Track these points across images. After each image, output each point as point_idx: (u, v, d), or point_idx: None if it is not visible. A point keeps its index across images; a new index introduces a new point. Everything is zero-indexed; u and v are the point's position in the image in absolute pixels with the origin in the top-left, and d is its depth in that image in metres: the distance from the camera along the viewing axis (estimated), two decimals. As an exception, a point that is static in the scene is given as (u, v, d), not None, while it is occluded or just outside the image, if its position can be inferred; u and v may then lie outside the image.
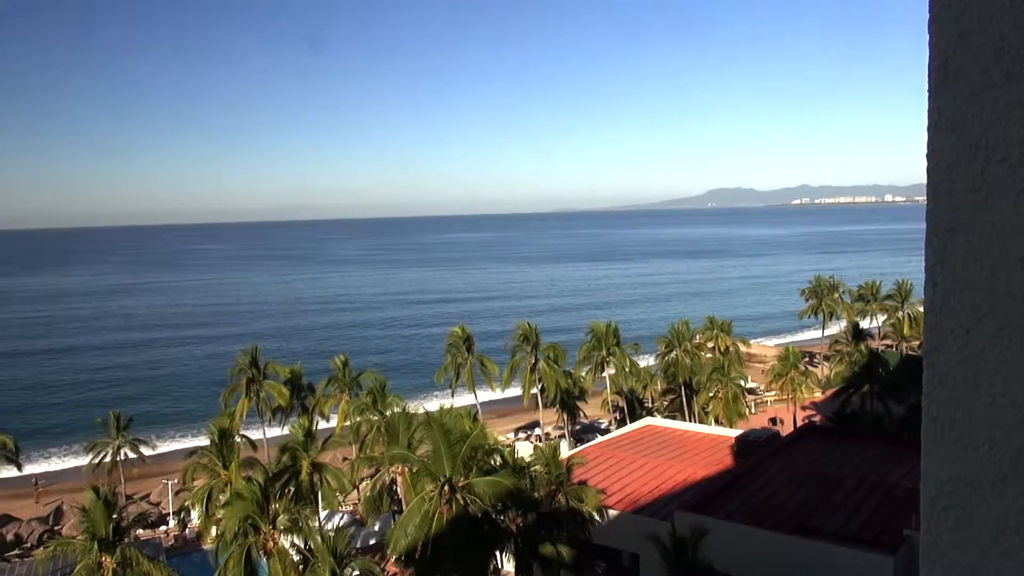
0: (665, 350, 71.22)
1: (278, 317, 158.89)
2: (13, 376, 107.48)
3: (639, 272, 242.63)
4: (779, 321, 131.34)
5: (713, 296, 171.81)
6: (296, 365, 64.31)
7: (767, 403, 79.52)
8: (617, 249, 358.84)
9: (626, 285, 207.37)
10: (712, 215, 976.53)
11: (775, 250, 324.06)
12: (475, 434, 36.14)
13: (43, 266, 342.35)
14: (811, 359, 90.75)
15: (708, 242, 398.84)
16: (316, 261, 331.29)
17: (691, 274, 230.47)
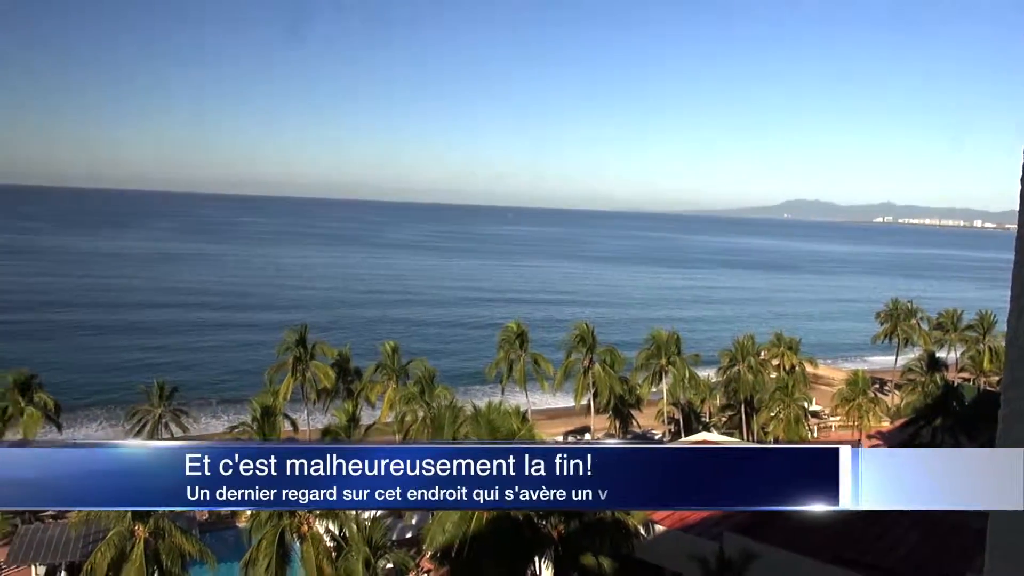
0: (727, 364, 68.38)
1: (327, 298, 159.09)
2: (57, 336, 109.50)
3: (704, 280, 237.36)
4: (850, 344, 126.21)
5: (782, 312, 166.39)
6: (345, 348, 63.60)
7: (831, 428, 75.84)
8: (683, 255, 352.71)
9: (689, 293, 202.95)
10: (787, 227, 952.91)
11: (851, 268, 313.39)
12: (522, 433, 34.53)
13: (93, 226, 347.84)
14: (881, 386, 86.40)
15: (780, 254, 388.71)
16: (366, 243, 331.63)
17: (760, 286, 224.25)
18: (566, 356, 64.50)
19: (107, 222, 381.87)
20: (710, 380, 72.22)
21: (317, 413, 60.83)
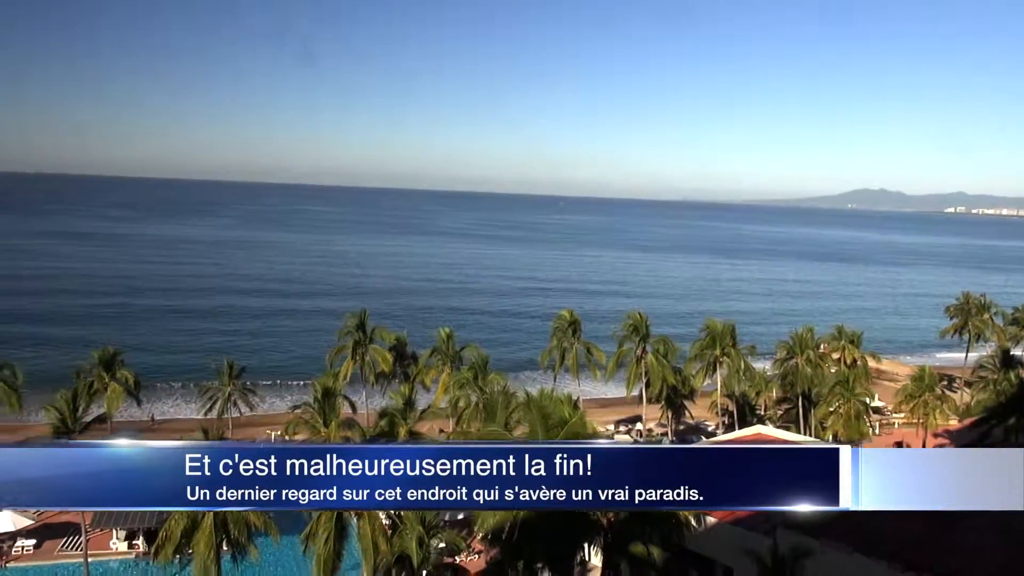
0: (785, 356, 67.48)
1: (385, 284, 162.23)
2: (136, 316, 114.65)
3: (763, 271, 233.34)
4: (917, 339, 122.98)
5: (844, 304, 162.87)
6: (402, 333, 65.01)
7: (894, 425, 74.24)
8: (742, 245, 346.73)
9: (747, 283, 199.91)
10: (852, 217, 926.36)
11: (919, 260, 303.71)
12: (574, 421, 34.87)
13: (164, 215, 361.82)
14: (950, 383, 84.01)
15: (844, 245, 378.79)
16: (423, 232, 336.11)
17: (821, 278, 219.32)
18: (619, 345, 64.60)
19: (182, 211, 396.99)
20: (766, 372, 71.46)
21: (375, 395, 62.44)
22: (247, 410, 60.82)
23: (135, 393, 57.59)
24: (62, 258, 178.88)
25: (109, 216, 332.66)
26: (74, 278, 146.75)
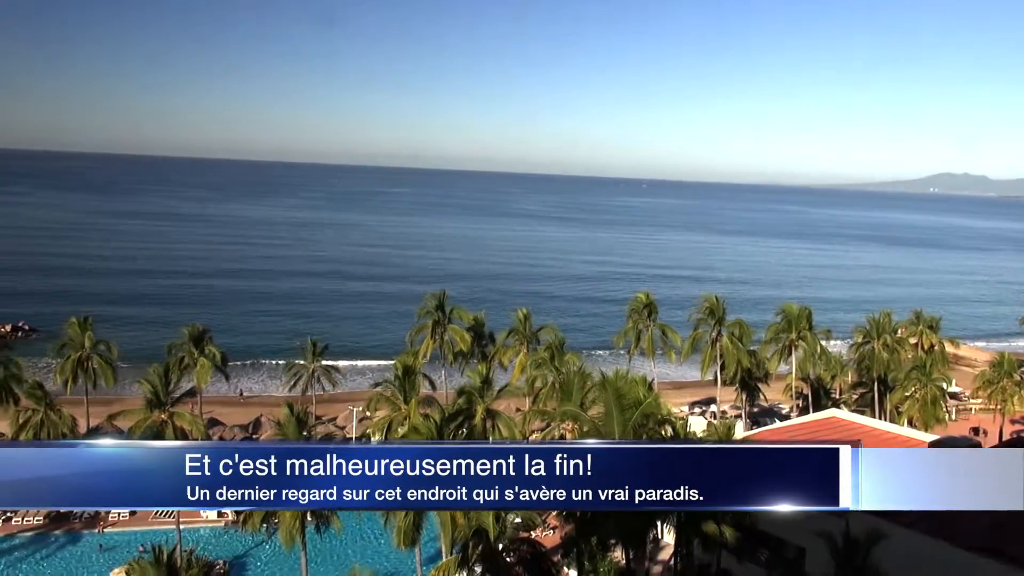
0: (861, 341, 66.21)
1: (463, 265, 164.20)
2: (223, 296, 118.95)
3: (840, 255, 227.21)
4: (997, 326, 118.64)
5: (923, 291, 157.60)
6: (480, 313, 66.16)
7: (971, 411, 72.25)
8: (819, 229, 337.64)
9: (823, 267, 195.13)
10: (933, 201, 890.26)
11: (1002, 246, 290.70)
12: (648, 402, 35.21)
13: (248, 196, 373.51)
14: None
15: (924, 230, 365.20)
16: (500, 213, 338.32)
17: (900, 263, 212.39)
18: (694, 328, 64.47)
19: (265, 192, 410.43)
20: (842, 356, 70.28)
21: (454, 374, 63.92)
22: (330, 387, 63.02)
23: (223, 369, 60.26)
24: (151, 238, 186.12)
25: (195, 197, 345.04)
26: (164, 259, 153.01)
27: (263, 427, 61.80)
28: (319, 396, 63.27)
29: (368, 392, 54.28)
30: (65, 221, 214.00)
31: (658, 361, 67.76)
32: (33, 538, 44.48)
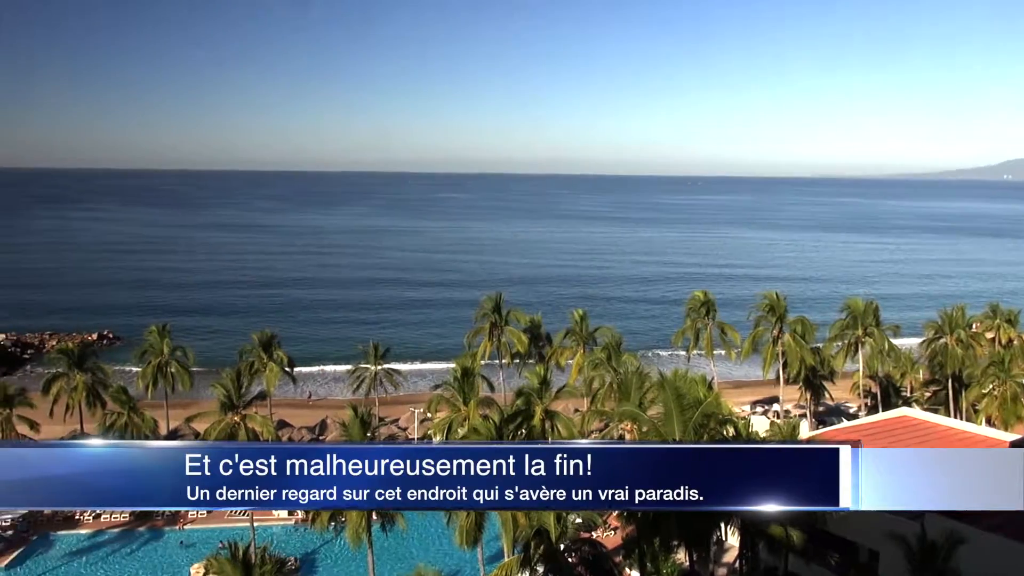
0: (933, 336, 64.26)
1: (518, 268, 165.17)
2: (290, 304, 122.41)
3: (907, 248, 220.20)
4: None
5: (998, 282, 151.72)
6: (536, 315, 66.60)
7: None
8: (884, 221, 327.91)
9: (889, 261, 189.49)
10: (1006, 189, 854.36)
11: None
12: (709, 401, 34.97)
13: (312, 205, 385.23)
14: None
15: (997, 219, 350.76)
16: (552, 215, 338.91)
17: (972, 255, 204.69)
18: (754, 326, 63.60)
19: (323, 201, 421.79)
20: (912, 353, 68.35)
21: (512, 375, 64.46)
22: (392, 390, 64.27)
23: (290, 373, 62.09)
24: (223, 250, 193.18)
25: (262, 208, 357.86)
26: (235, 270, 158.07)
27: (329, 429, 63.38)
28: (382, 398, 64.54)
29: (429, 394, 55.21)
30: (144, 236, 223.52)
31: (717, 360, 67.04)
32: (120, 534, 46.73)
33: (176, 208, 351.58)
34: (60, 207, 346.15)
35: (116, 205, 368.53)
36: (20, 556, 43.98)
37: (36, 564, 43.54)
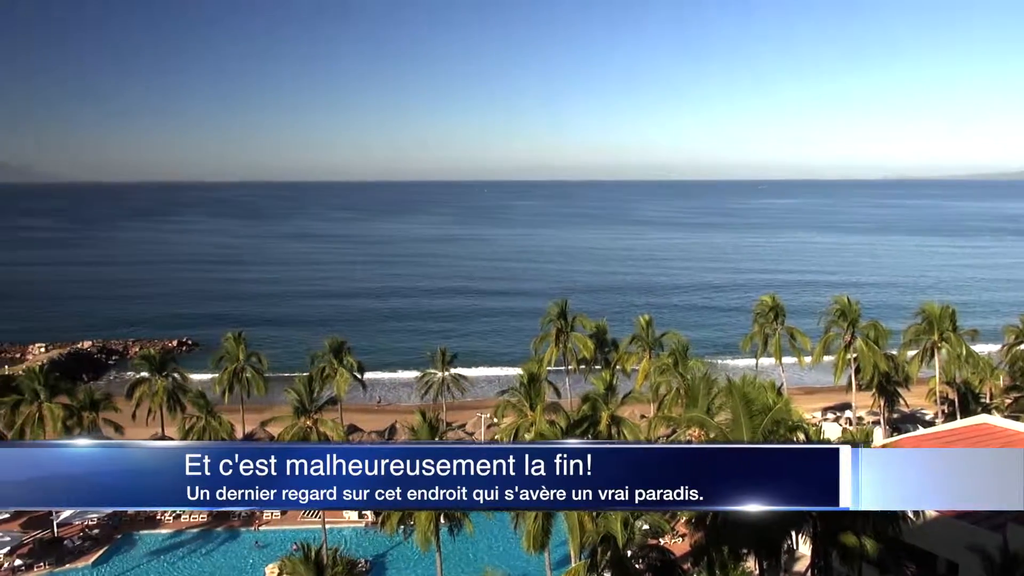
0: (1014, 341, 61.90)
1: (583, 275, 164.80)
2: (360, 311, 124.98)
3: (983, 251, 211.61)
4: None
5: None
6: (602, 321, 66.50)
7: None
8: (958, 223, 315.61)
9: (965, 264, 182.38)
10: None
11: None
12: (778, 407, 34.47)
13: (384, 214, 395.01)
14: None
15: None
16: (622, 221, 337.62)
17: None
18: (825, 330, 62.22)
19: (398, 210, 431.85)
20: (992, 359, 65.86)
21: (578, 381, 64.54)
22: (459, 395, 65.09)
23: (360, 378, 63.44)
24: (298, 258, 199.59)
25: (338, 218, 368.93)
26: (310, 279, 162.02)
27: (398, 433, 64.53)
28: (449, 403, 65.38)
29: (495, 399, 55.71)
30: (223, 245, 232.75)
31: (787, 366, 65.84)
32: (199, 533, 48.54)
33: (254, 219, 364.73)
34: (147, 219, 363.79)
35: (199, 216, 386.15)
36: (106, 554, 46.10)
37: (121, 562, 45.54)
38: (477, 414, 64.98)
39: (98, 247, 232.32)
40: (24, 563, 44.86)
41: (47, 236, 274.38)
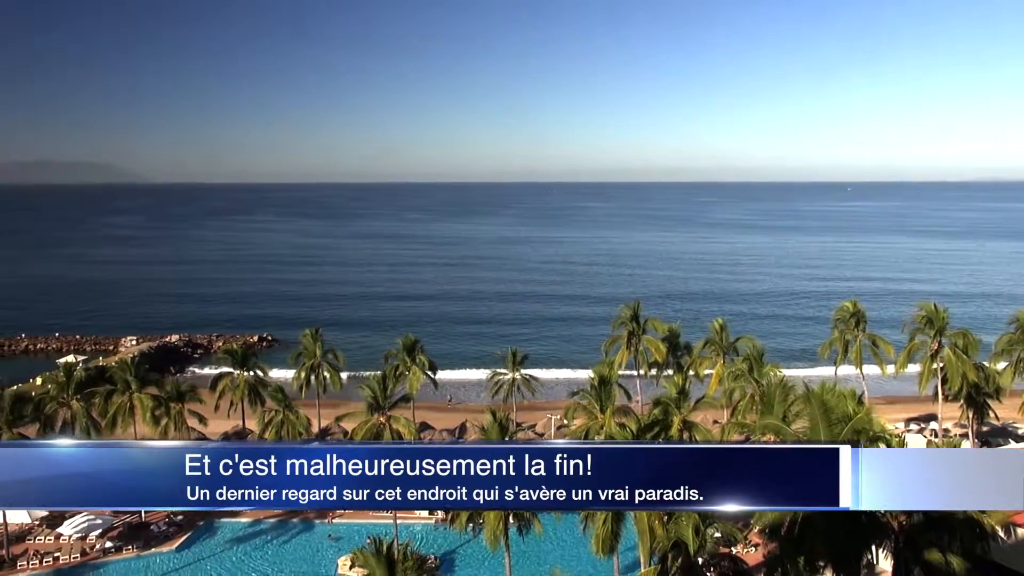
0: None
1: (659, 278, 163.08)
2: (435, 312, 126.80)
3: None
4: None
5: None
6: (675, 324, 65.56)
7: None
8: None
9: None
10: None
11: None
12: (859, 416, 33.35)
13: (457, 215, 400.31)
14: None
15: None
16: (696, 224, 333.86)
17: None
18: (910, 338, 59.91)
19: (470, 211, 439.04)
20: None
21: (650, 384, 63.77)
22: (530, 395, 65.18)
23: (432, 377, 64.19)
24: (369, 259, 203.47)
25: (413, 219, 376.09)
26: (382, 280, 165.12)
27: (468, 432, 65.06)
28: (519, 404, 65.55)
29: (566, 401, 55.58)
30: (300, 245, 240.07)
31: (868, 375, 63.66)
32: (276, 524, 50.01)
33: (328, 219, 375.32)
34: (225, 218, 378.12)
35: (273, 217, 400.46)
36: (188, 540, 48.02)
37: (202, 548, 47.32)
38: (547, 415, 64.92)
39: (182, 246, 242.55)
40: (113, 545, 47.10)
41: (136, 234, 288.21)
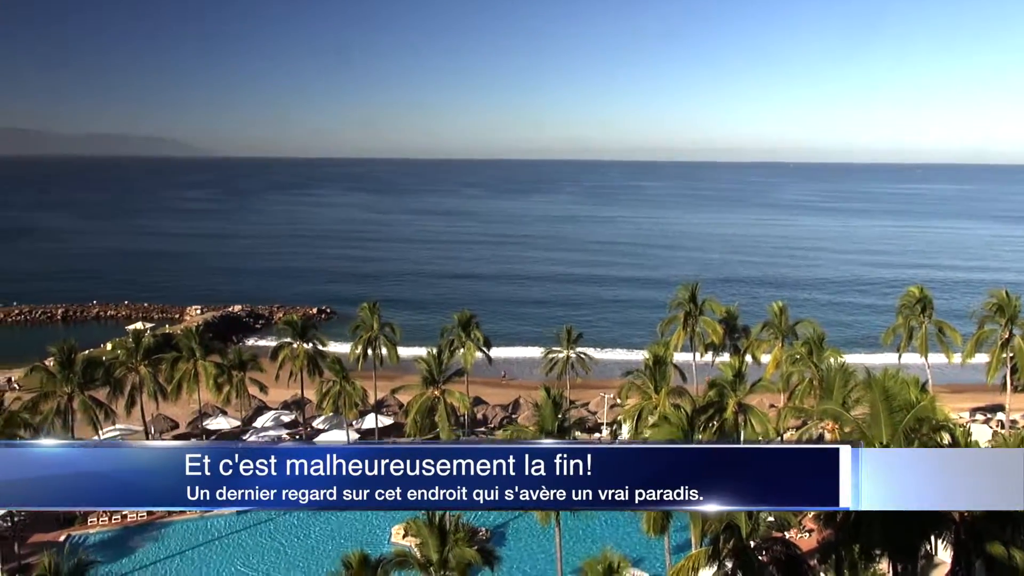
0: None
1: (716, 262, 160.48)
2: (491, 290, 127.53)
3: None
4: None
5: None
6: (733, 306, 64.61)
7: None
8: None
9: None
10: None
11: None
12: (922, 405, 32.55)
13: (512, 192, 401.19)
14: None
15: None
16: (758, 204, 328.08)
17: None
18: (979, 326, 58.02)
19: (527, 189, 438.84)
20: None
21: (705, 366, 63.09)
22: (584, 374, 65.19)
23: (487, 352, 64.66)
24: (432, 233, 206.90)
25: (470, 195, 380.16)
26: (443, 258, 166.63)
27: (521, 408, 65.48)
28: (573, 382, 65.61)
29: (620, 380, 55.43)
30: (361, 220, 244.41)
31: (933, 363, 61.91)
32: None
33: (387, 194, 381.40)
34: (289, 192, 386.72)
35: (338, 191, 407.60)
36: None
37: (254, 514, 48.42)
38: (600, 394, 64.86)
39: (247, 220, 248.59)
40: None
41: (205, 207, 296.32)
